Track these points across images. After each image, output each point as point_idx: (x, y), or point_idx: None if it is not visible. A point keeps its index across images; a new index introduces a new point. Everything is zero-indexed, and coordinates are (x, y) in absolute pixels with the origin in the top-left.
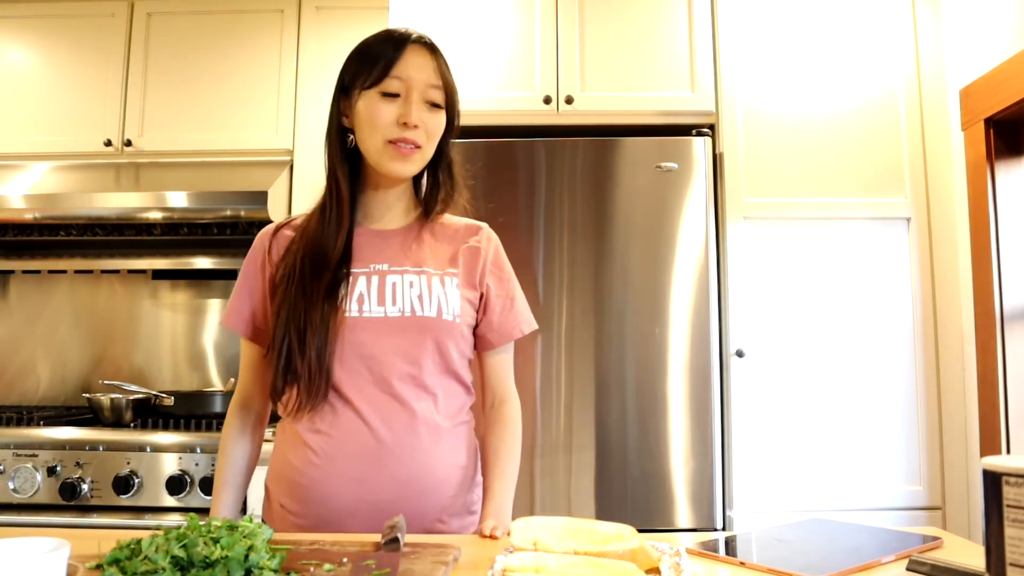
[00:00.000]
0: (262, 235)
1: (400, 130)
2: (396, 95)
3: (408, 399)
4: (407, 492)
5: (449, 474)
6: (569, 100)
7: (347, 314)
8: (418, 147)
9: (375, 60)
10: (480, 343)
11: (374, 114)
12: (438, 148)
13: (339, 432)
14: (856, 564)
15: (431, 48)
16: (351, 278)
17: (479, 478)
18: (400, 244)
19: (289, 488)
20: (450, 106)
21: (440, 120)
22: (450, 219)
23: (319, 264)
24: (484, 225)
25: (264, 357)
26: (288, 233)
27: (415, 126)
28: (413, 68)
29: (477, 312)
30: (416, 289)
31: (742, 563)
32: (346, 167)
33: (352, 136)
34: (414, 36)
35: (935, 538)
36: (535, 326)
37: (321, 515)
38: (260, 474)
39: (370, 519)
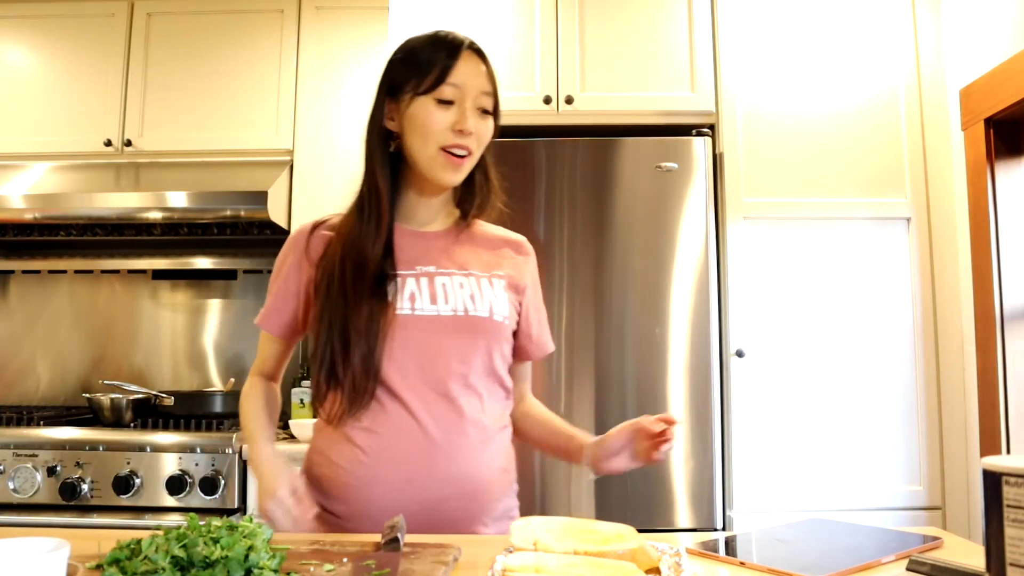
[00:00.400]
0: (298, 235)
1: (454, 137)
2: (450, 102)
3: (459, 399)
4: (455, 492)
5: (494, 477)
6: (569, 100)
7: (399, 312)
8: (469, 154)
9: (428, 66)
10: (518, 353)
11: (428, 121)
12: None
13: (389, 430)
14: (856, 564)
15: (482, 55)
16: (399, 278)
17: (516, 486)
18: (442, 247)
19: (333, 488)
20: (496, 112)
21: (490, 127)
22: (488, 226)
23: (360, 265)
24: (524, 239)
25: (290, 351)
26: (325, 233)
27: (470, 133)
28: (467, 75)
29: (518, 320)
30: (467, 290)
31: (742, 563)
32: (387, 169)
33: (395, 140)
34: (467, 42)
35: (935, 538)
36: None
37: (368, 515)
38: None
39: (417, 519)
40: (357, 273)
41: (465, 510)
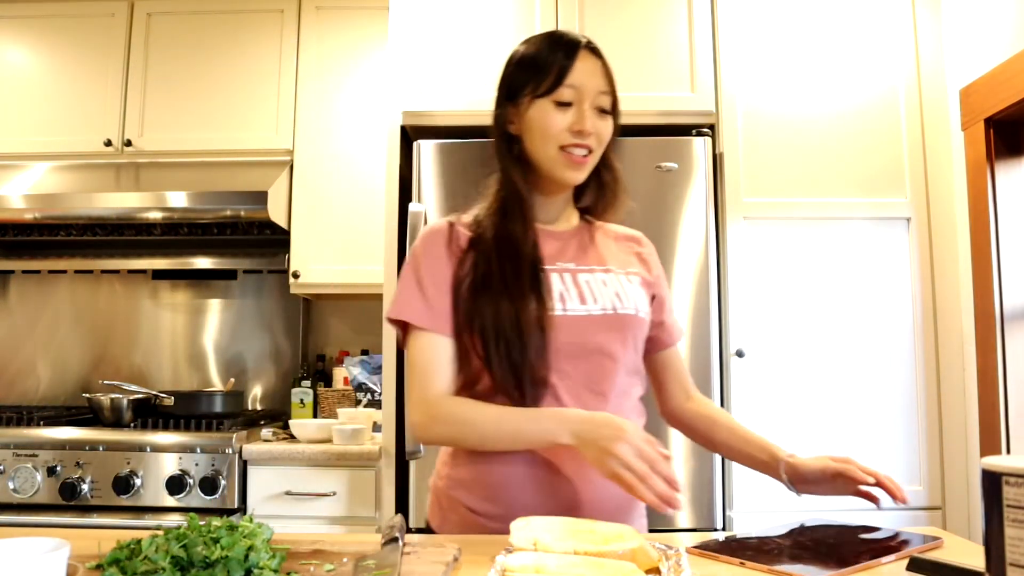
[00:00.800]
0: (439, 229)
1: (573, 137)
2: (568, 104)
3: (612, 397)
4: (612, 493)
5: None
6: None
7: (552, 312)
8: (590, 152)
9: (546, 68)
10: (652, 344)
11: (547, 123)
12: None
13: None
14: (856, 564)
15: (598, 54)
16: (549, 276)
17: None
18: (577, 244)
19: (489, 491)
20: (615, 110)
21: (609, 126)
22: (608, 224)
23: (516, 264)
24: (641, 233)
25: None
26: (463, 231)
27: (589, 133)
28: (585, 75)
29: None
30: (611, 287)
31: (742, 563)
32: (519, 170)
33: (518, 144)
34: (583, 41)
35: (935, 538)
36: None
37: (516, 515)
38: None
39: (578, 514)
40: (514, 271)
41: (619, 509)
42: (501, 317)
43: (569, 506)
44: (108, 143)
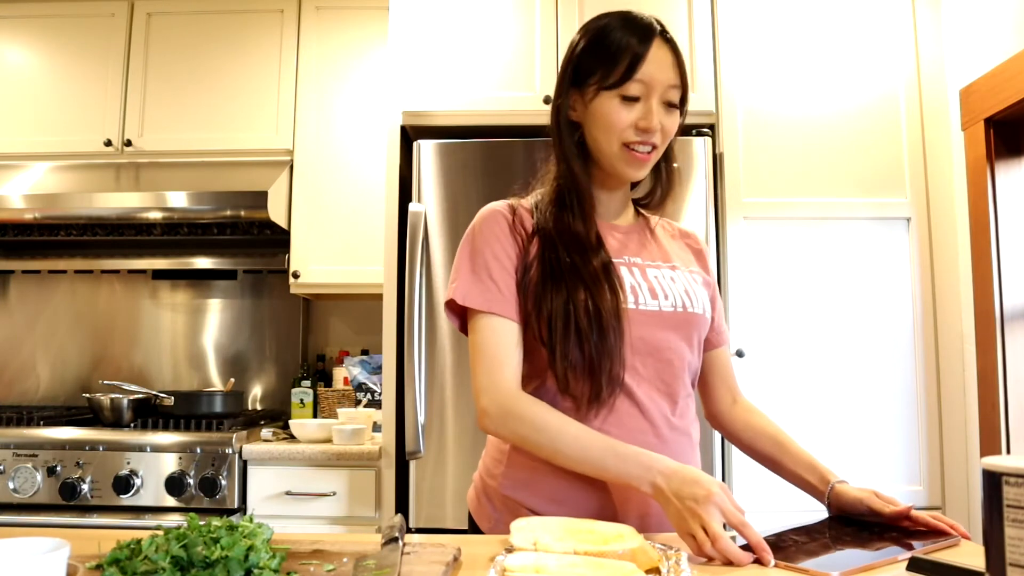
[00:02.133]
0: (501, 211)
1: (638, 134)
2: (636, 98)
3: (679, 396)
4: None
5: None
6: None
7: (625, 306)
8: (654, 149)
9: (616, 57)
10: (704, 345)
11: (612, 119)
12: None
13: (622, 431)
14: (871, 561)
15: (673, 44)
16: (615, 267)
17: None
18: (638, 239)
19: (553, 491)
20: (684, 104)
21: (675, 121)
22: (663, 220)
23: (583, 257)
24: (696, 231)
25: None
26: (525, 216)
27: (655, 131)
28: (656, 68)
29: None
30: (680, 284)
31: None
32: (581, 162)
33: (579, 131)
34: (658, 29)
35: (950, 535)
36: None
37: (596, 518)
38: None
39: (646, 522)
40: (584, 262)
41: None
42: (575, 306)
43: (640, 513)
44: (108, 143)
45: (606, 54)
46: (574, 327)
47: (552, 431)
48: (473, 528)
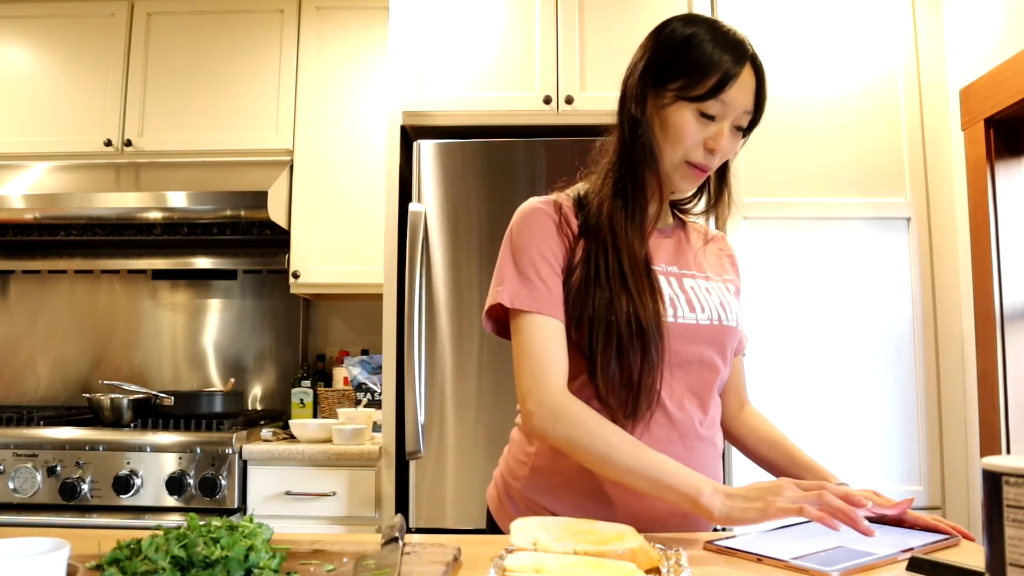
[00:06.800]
0: (545, 209)
1: (703, 155)
2: (712, 117)
3: (710, 407)
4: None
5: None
6: (569, 100)
7: (664, 318)
8: (709, 169)
9: (707, 71)
10: None
11: (684, 131)
12: None
13: (650, 440)
14: (871, 561)
15: (760, 70)
16: (656, 277)
17: None
18: (675, 245)
19: (582, 500)
20: (751, 129)
21: (738, 144)
22: (693, 223)
23: (632, 260)
24: (723, 235)
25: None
26: (569, 214)
27: (718, 153)
28: (739, 92)
29: None
30: (715, 296)
31: (759, 559)
32: (643, 160)
33: (642, 131)
34: (750, 52)
35: (950, 536)
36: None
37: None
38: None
39: (657, 531)
40: (632, 268)
41: (702, 522)
42: (617, 314)
43: (665, 526)
44: (108, 143)
45: (695, 65)
46: (616, 339)
47: (605, 441)
48: (492, 526)
